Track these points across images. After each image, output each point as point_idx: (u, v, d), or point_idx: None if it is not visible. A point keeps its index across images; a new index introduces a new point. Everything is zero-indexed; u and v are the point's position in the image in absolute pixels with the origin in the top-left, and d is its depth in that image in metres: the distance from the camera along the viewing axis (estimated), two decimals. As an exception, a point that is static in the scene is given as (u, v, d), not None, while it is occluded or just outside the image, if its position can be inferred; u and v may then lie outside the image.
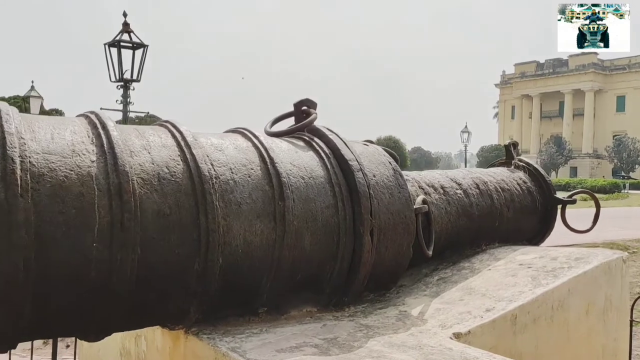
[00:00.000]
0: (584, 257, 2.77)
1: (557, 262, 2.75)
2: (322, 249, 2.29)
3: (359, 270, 2.37)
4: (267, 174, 2.19)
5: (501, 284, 2.60)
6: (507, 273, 2.73)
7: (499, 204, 3.15)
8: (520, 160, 3.53)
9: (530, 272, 2.69)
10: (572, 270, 2.62)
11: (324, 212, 2.28)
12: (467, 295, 2.55)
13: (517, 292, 2.48)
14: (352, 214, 2.34)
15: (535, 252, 2.98)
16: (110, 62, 10.98)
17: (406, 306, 2.52)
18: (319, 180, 2.33)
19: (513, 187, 3.28)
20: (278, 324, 2.25)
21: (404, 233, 2.52)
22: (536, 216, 3.35)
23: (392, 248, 2.50)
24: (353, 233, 2.34)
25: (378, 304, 2.58)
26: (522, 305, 2.37)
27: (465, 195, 3.03)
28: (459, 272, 2.86)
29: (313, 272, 2.32)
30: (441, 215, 2.89)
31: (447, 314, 2.37)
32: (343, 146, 2.45)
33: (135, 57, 11.06)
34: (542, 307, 2.43)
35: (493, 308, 2.36)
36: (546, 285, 2.50)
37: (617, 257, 2.79)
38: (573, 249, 2.99)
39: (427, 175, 3.05)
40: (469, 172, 3.26)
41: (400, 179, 2.57)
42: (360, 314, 2.42)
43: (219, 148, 2.19)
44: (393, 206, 2.49)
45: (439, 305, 2.49)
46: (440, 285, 2.75)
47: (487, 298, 2.48)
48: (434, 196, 2.91)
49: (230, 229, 2.04)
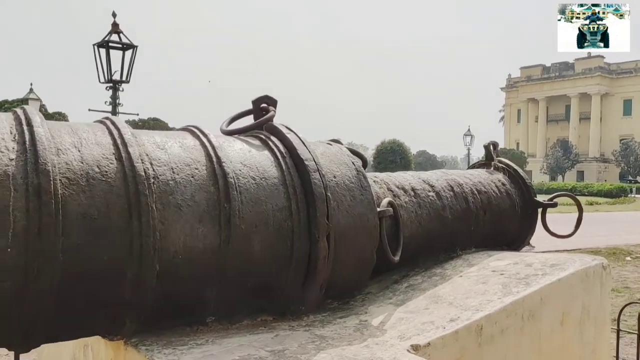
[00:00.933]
0: (560, 264, 2.63)
1: (532, 269, 2.60)
2: (275, 254, 2.16)
3: (315, 278, 2.23)
4: (212, 174, 2.05)
5: (470, 292, 2.46)
6: (478, 280, 2.58)
7: (474, 207, 3.00)
8: (500, 162, 3.38)
9: (502, 279, 2.54)
10: (546, 278, 2.47)
11: (276, 215, 2.15)
12: (433, 304, 2.41)
13: (485, 301, 2.33)
14: (307, 217, 2.20)
15: (511, 258, 2.84)
16: (99, 63, 10.89)
17: (368, 315, 2.38)
18: (272, 181, 2.19)
19: (490, 190, 3.13)
20: (227, 334, 2.12)
21: (367, 238, 2.38)
22: (516, 220, 3.20)
23: (353, 254, 2.37)
24: (308, 238, 2.20)
25: (340, 312, 2.44)
26: (488, 315, 2.22)
27: (438, 197, 2.89)
28: (429, 279, 2.72)
29: (265, 279, 2.19)
30: (411, 219, 2.75)
31: (409, 324, 2.23)
32: (300, 145, 2.32)
33: (125, 58, 10.95)
34: (511, 317, 2.28)
35: (457, 318, 2.22)
36: (516, 294, 2.35)
37: (595, 263, 2.64)
38: (550, 255, 2.84)
39: (399, 177, 2.91)
40: (445, 173, 3.12)
41: (363, 180, 2.44)
42: (318, 324, 2.28)
43: (162, 146, 2.06)
44: (354, 209, 2.35)
45: (402, 314, 2.35)
46: (408, 292, 2.61)
47: (453, 307, 2.34)
48: (403, 199, 2.77)
49: (169, 234, 1.90)
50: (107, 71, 10.80)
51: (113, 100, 11.28)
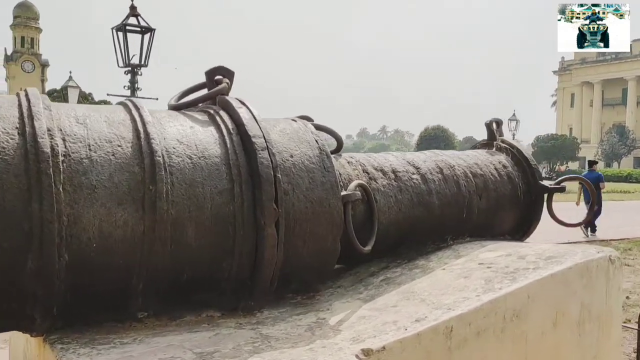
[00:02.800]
0: (557, 257, 2.29)
1: (523, 262, 2.28)
2: (214, 243, 1.92)
3: (262, 269, 1.98)
4: (138, 153, 1.83)
5: (448, 288, 2.16)
6: (461, 274, 2.28)
7: (467, 191, 2.68)
8: (503, 142, 3.03)
9: (487, 273, 2.23)
10: (537, 273, 2.15)
11: (215, 199, 1.91)
12: (403, 301, 2.13)
13: (462, 298, 2.04)
14: (252, 201, 1.95)
15: (505, 249, 2.51)
16: (118, 47, 10.82)
17: (329, 312, 2.12)
18: (213, 161, 1.95)
19: (488, 173, 2.80)
20: (162, 332, 1.90)
21: (327, 224, 2.12)
22: (518, 206, 2.86)
23: (312, 242, 2.11)
24: (254, 224, 1.96)
25: (300, 308, 2.19)
26: (460, 315, 1.93)
27: (423, 181, 2.58)
28: (408, 272, 2.43)
29: (204, 271, 1.96)
30: (389, 205, 2.46)
31: (369, 323, 1.96)
32: (250, 121, 2.06)
33: (144, 41, 10.84)
34: (489, 317, 1.98)
35: (425, 318, 1.93)
36: (498, 291, 2.04)
37: (600, 256, 2.29)
38: (550, 245, 2.50)
39: (379, 158, 2.62)
40: (435, 154, 2.81)
41: (326, 160, 2.17)
42: (270, 321, 2.04)
43: (82, 121, 1.84)
44: (313, 192, 2.09)
45: (367, 312, 2.08)
46: (382, 287, 2.33)
47: (424, 305, 2.05)
48: (381, 182, 2.48)
49: (80, 219, 1.69)
50: (125, 55, 10.77)
51: (131, 85, 11.25)
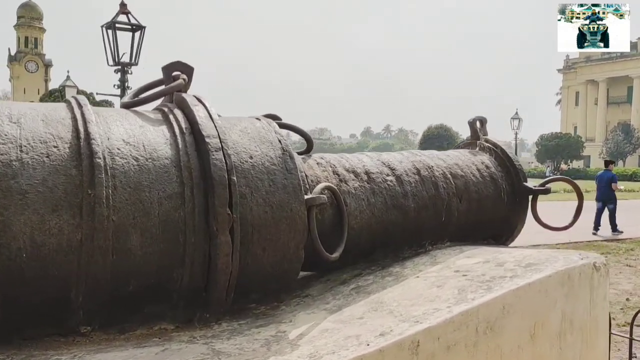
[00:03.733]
0: (537, 264, 2.15)
1: (501, 270, 2.14)
2: (162, 251, 1.79)
3: (216, 279, 1.85)
4: (76, 154, 1.70)
5: (419, 298, 2.02)
6: (435, 283, 2.14)
7: (446, 193, 2.54)
8: (487, 141, 2.89)
9: (461, 282, 2.09)
10: (514, 281, 2.00)
11: (162, 204, 1.78)
12: (371, 312, 1.99)
13: (431, 310, 1.89)
14: (204, 206, 1.82)
15: (483, 255, 2.37)
16: (107, 45, 10.68)
17: (291, 324, 1.98)
18: (162, 163, 1.82)
19: (469, 174, 2.66)
20: (107, 347, 1.77)
21: (289, 231, 1.98)
22: (502, 209, 2.72)
23: (272, 250, 1.97)
24: (206, 231, 1.82)
25: (262, 320, 2.06)
26: (428, 329, 1.79)
27: (398, 182, 2.44)
28: (381, 280, 2.29)
29: (153, 282, 1.82)
30: (361, 208, 2.33)
31: (331, 337, 1.82)
32: (205, 120, 1.93)
33: (134, 39, 10.69)
34: (460, 331, 1.84)
35: (390, 331, 1.79)
36: (470, 302, 1.90)
37: (583, 263, 2.14)
38: (532, 251, 2.35)
39: (352, 159, 2.48)
40: (413, 154, 2.67)
41: (289, 161, 2.03)
42: (226, 335, 1.91)
43: (15, 120, 1.71)
44: (274, 196, 1.95)
45: (331, 324, 1.94)
46: (351, 296, 2.19)
47: (392, 317, 1.91)
48: (352, 184, 2.34)
49: (9, 227, 1.56)
50: (115, 53, 10.64)
51: (121, 84, 11.13)
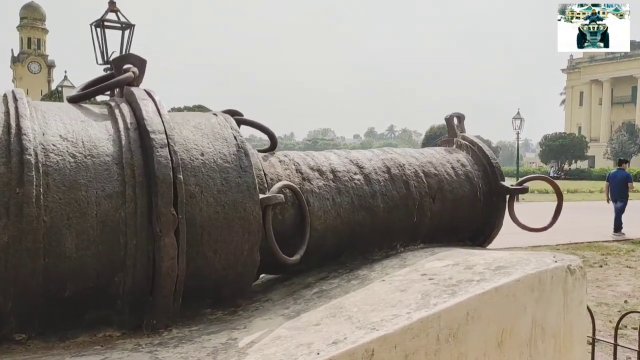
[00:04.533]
0: (507, 267, 2.04)
1: (469, 273, 2.03)
2: (101, 254, 1.69)
3: (161, 284, 1.75)
4: (6, 150, 1.60)
5: (380, 303, 1.92)
6: (399, 287, 2.03)
7: (418, 193, 2.43)
8: (464, 138, 2.78)
9: (427, 286, 1.98)
10: (480, 286, 1.90)
11: (101, 204, 1.67)
12: (329, 318, 1.88)
13: (391, 316, 1.79)
14: (147, 206, 1.72)
15: (454, 257, 2.26)
16: (96, 43, 10.58)
17: (245, 331, 1.87)
18: (103, 160, 1.72)
19: (444, 172, 2.55)
20: (42, 356, 1.67)
21: (243, 232, 1.88)
22: (478, 208, 2.61)
23: (225, 252, 1.87)
24: (150, 233, 1.72)
25: (216, 326, 1.95)
26: (384, 336, 1.68)
27: (366, 181, 2.34)
28: (346, 284, 2.19)
29: (92, 286, 1.72)
30: (325, 208, 2.22)
31: (282, 346, 1.71)
32: (153, 115, 1.83)
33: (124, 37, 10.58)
34: (419, 338, 1.73)
35: (344, 339, 1.68)
36: (432, 308, 1.79)
37: (556, 266, 2.03)
38: (505, 253, 2.24)
39: (319, 157, 2.38)
40: (384, 152, 2.56)
41: (244, 159, 1.93)
42: (174, 342, 1.80)
43: None
44: (226, 195, 1.85)
45: (285, 331, 1.83)
46: (312, 301, 2.08)
47: (349, 323, 1.80)
48: (316, 183, 2.24)
49: None
50: (104, 52, 10.53)
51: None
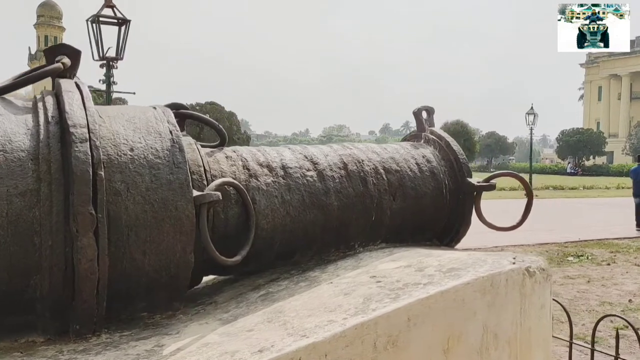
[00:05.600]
0: (459, 268, 1.91)
1: (419, 276, 1.91)
2: (13, 256, 1.59)
3: (81, 287, 1.65)
4: None
5: (320, 307, 1.80)
6: (344, 290, 1.92)
7: (377, 190, 2.31)
8: (432, 133, 2.65)
9: (372, 289, 1.87)
10: (425, 289, 1.77)
11: (13, 202, 1.58)
12: (264, 323, 1.78)
13: (325, 322, 1.67)
14: (63, 204, 1.62)
15: (409, 258, 2.14)
16: (92, 39, 10.53)
17: (175, 337, 1.78)
18: (17, 155, 1.63)
19: (406, 168, 2.42)
20: (-45, 363, 1.59)
21: (174, 232, 1.78)
22: (444, 207, 2.48)
23: (155, 254, 1.77)
24: (67, 233, 1.63)
25: (150, 331, 1.86)
26: (313, 344, 1.57)
27: (319, 178, 2.22)
28: (294, 286, 2.08)
29: (4, 290, 1.63)
30: (273, 206, 2.11)
31: (206, 354, 1.61)
32: (76, 108, 1.73)
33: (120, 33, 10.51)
34: (354, 346, 1.61)
35: (271, 347, 1.58)
36: (370, 313, 1.68)
37: (511, 268, 1.90)
38: (462, 254, 2.12)
39: (271, 152, 2.27)
40: (344, 147, 2.44)
41: (178, 155, 1.83)
42: (99, 349, 1.71)
43: None
44: (156, 193, 1.75)
45: (216, 337, 1.73)
46: (255, 304, 1.98)
47: (283, 329, 1.70)
48: (264, 179, 2.13)
49: None
50: (99, 48, 10.50)
51: (107, 78, 11.01)
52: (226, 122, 40.46)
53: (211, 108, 41.28)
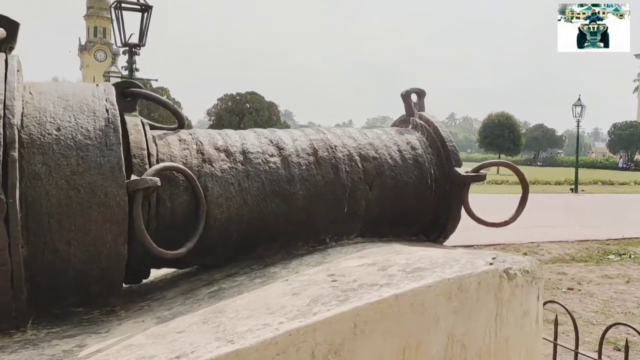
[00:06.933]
0: (425, 268, 1.68)
1: (378, 276, 1.69)
2: None
3: None
4: None
5: (262, 308, 1.61)
6: (295, 289, 1.72)
7: (349, 179, 2.09)
8: (421, 117, 2.40)
9: (324, 289, 1.66)
10: (379, 292, 1.55)
11: None
12: (199, 325, 1.59)
13: (261, 326, 1.48)
14: None
15: (377, 255, 1.92)
16: (116, 25, 10.50)
17: (99, 337, 1.62)
18: None
19: (386, 156, 2.19)
20: None
21: (104, 221, 1.61)
22: (428, 198, 2.24)
23: (82, 244, 1.62)
24: None
25: (80, 328, 1.71)
26: (238, 352, 1.38)
27: (283, 164, 2.02)
28: (249, 282, 1.89)
29: None
30: (229, 195, 1.92)
31: (123, 358, 1.44)
32: None
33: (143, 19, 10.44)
34: (287, 355, 1.41)
35: (190, 353, 1.39)
36: (310, 317, 1.47)
37: (484, 270, 1.66)
38: (436, 253, 1.88)
39: (233, 136, 2.08)
40: (318, 132, 2.23)
41: (111, 136, 1.66)
42: (15, 347, 1.58)
43: None
44: (83, 177, 1.59)
45: (142, 339, 1.56)
46: (201, 302, 1.80)
47: (213, 332, 1.51)
48: (218, 165, 1.94)
49: None
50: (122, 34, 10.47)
51: (129, 65, 11.00)
52: (266, 112, 40.50)
53: (251, 98, 41.28)
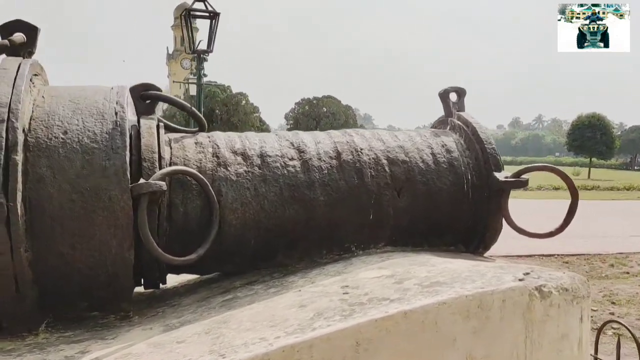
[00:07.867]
0: (445, 283, 1.54)
1: (392, 289, 1.56)
2: None
3: None
4: None
5: (266, 320, 1.53)
6: (304, 300, 1.62)
7: (375, 184, 1.97)
8: (459, 118, 2.23)
9: (333, 302, 1.55)
10: (387, 307, 1.43)
11: None
12: (201, 335, 1.53)
13: (258, 340, 1.40)
14: None
15: (397, 266, 1.78)
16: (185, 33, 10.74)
17: (105, 344, 1.60)
18: None
19: (417, 159, 2.05)
20: None
21: (108, 225, 1.59)
22: (465, 205, 2.07)
23: (87, 249, 1.60)
24: None
25: (93, 332, 1.71)
26: (226, 368, 1.30)
27: (303, 169, 1.93)
28: (264, 292, 1.81)
29: None
30: (244, 200, 1.85)
31: (114, 368, 1.40)
32: (4, 85, 1.60)
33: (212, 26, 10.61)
34: (280, 374, 1.32)
35: (181, 366, 1.33)
36: (308, 332, 1.37)
37: (510, 287, 1.49)
38: (466, 265, 1.72)
39: (252, 139, 2.01)
40: (346, 134, 2.12)
41: (117, 139, 1.64)
42: (23, 351, 1.59)
43: None
44: (87, 181, 1.58)
45: (143, 348, 1.52)
46: (212, 310, 1.75)
47: (210, 344, 1.44)
48: (234, 169, 1.88)
49: None
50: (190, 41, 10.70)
51: (197, 71, 11.23)
52: (342, 115, 40.57)
53: (327, 101, 41.47)
